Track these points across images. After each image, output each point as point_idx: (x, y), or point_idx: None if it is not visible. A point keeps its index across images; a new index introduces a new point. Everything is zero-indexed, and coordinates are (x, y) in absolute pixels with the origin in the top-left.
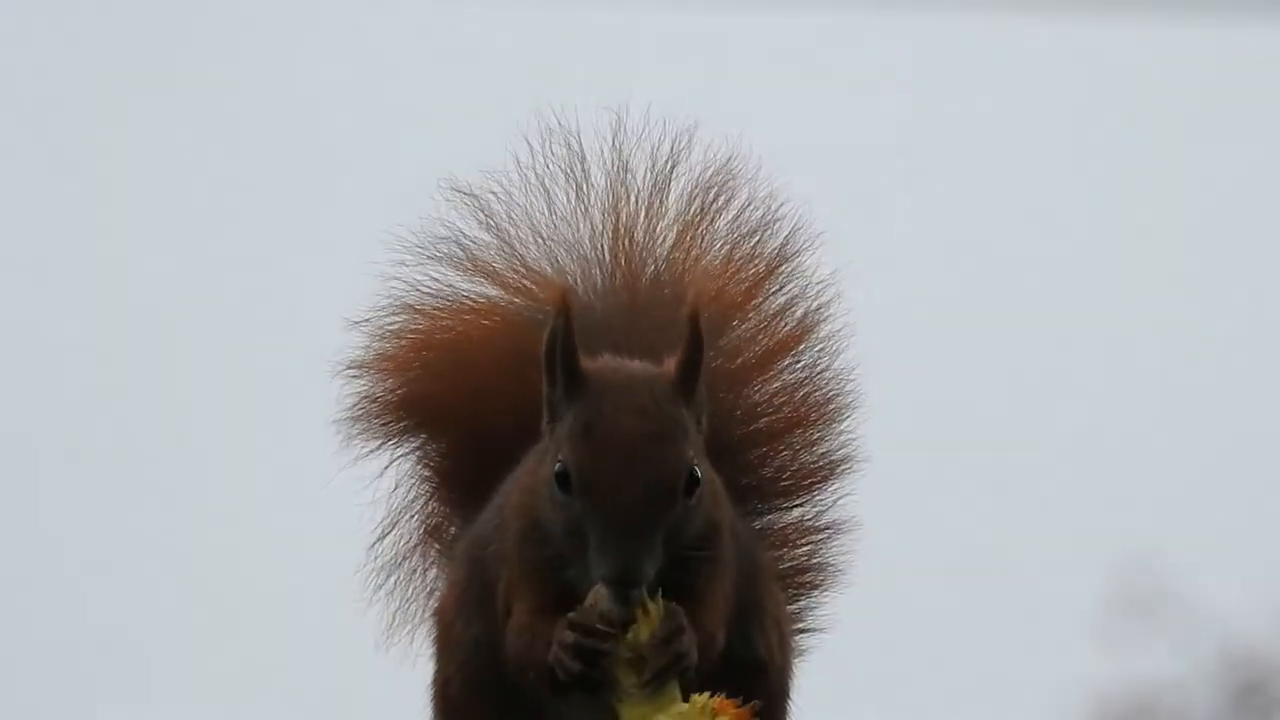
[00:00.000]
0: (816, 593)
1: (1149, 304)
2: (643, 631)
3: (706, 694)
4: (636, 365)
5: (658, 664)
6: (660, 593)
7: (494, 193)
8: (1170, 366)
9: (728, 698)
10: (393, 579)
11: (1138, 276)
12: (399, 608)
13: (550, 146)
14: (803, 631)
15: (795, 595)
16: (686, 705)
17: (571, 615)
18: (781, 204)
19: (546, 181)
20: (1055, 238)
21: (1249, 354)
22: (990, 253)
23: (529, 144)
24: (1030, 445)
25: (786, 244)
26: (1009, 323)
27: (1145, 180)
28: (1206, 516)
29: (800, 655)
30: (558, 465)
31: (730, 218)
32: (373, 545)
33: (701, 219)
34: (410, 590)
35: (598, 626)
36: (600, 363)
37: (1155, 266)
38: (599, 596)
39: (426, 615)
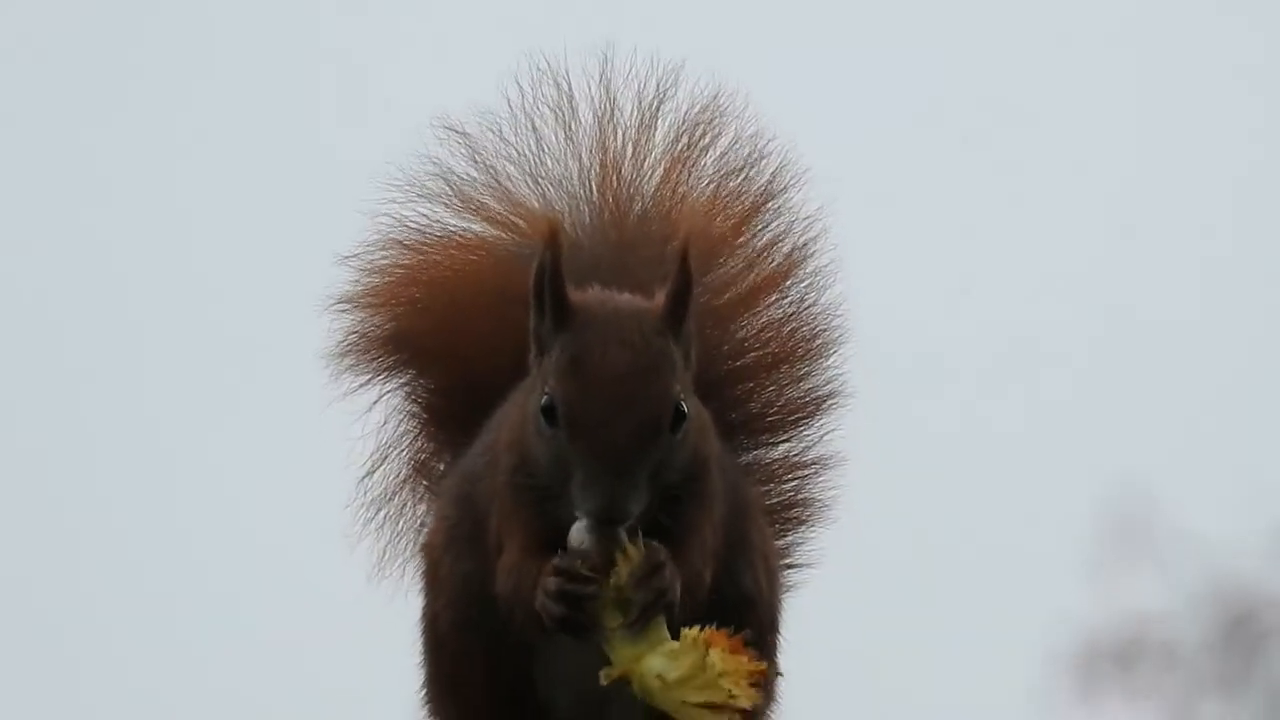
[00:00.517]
0: (803, 528)
1: (1143, 234)
2: (624, 574)
3: (697, 628)
4: (625, 298)
5: (641, 602)
6: (640, 533)
7: (484, 131)
8: (1161, 294)
9: (718, 630)
10: (382, 513)
11: (1136, 206)
12: (389, 542)
13: (540, 87)
14: (790, 567)
15: (782, 530)
16: (677, 642)
17: (555, 561)
18: (768, 141)
19: (536, 120)
20: (1052, 163)
21: (1241, 282)
22: (982, 184)
23: (519, 84)
24: (1018, 374)
25: (773, 180)
26: (995, 254)
27: (1145, 107)
28: (1196, 446)
29: (788, 590)
30: (544, 398)
31: (717, 154)
32: (362, 479)
33: (688, 155)
34: (400, 524)
35: (580, 571)
36: (588, 295)
37: (1154, 194)
38: (582, 535)
39: (415, 550)
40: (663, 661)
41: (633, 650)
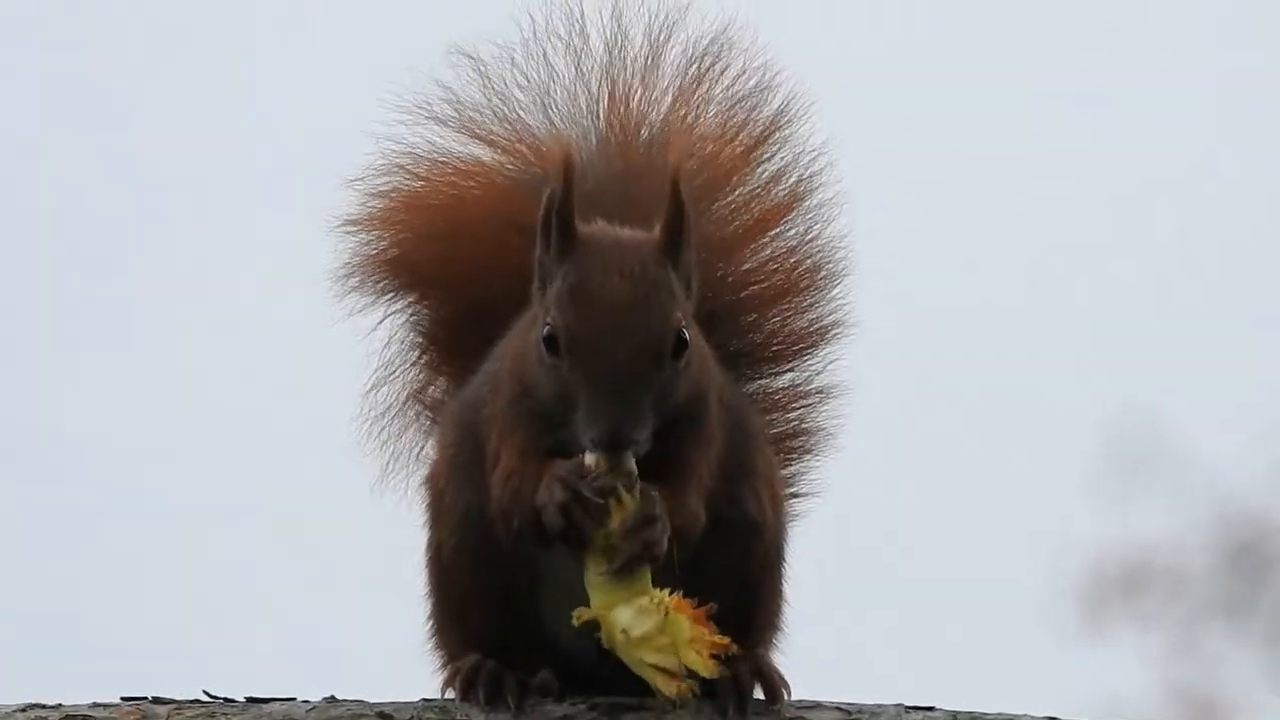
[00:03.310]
0: (808, 457)
1: (1147, 157)
2: (615, 520)
3: (666, 591)
4: (626, 231)
5: (627, 553)
6: (638, 480)
7: (494, 58)
8: (1168, 221)
9: (685, 598)
10: (384, 430)
11: (1137, 130)
12: (391, 456)
13: (551, 16)
14: (795, 496)
15: (787, 460)
16: (648, 598)
17: (563, 471)
18: (776, 73)
19: (546, 49)
20: (1057, 95)
21: (1248, 209)
22: (988, 111)
23: (530, 14)
24: (1024, 302)
25: (780, 111)
26: (1002, 181)
27: (1148, 24)
28: (1203, 372)
29: (793, 518)
30: (545, 329)
31: (725, 85)
32: (366, 394)
33: (696, 86)
34: (401, 443)
35: (587, 495)
36: (593, 227)
37: (1157, 120)
38: (595, 461)
39: (415, 467)
40: (630, 616)
41: (610, 597)
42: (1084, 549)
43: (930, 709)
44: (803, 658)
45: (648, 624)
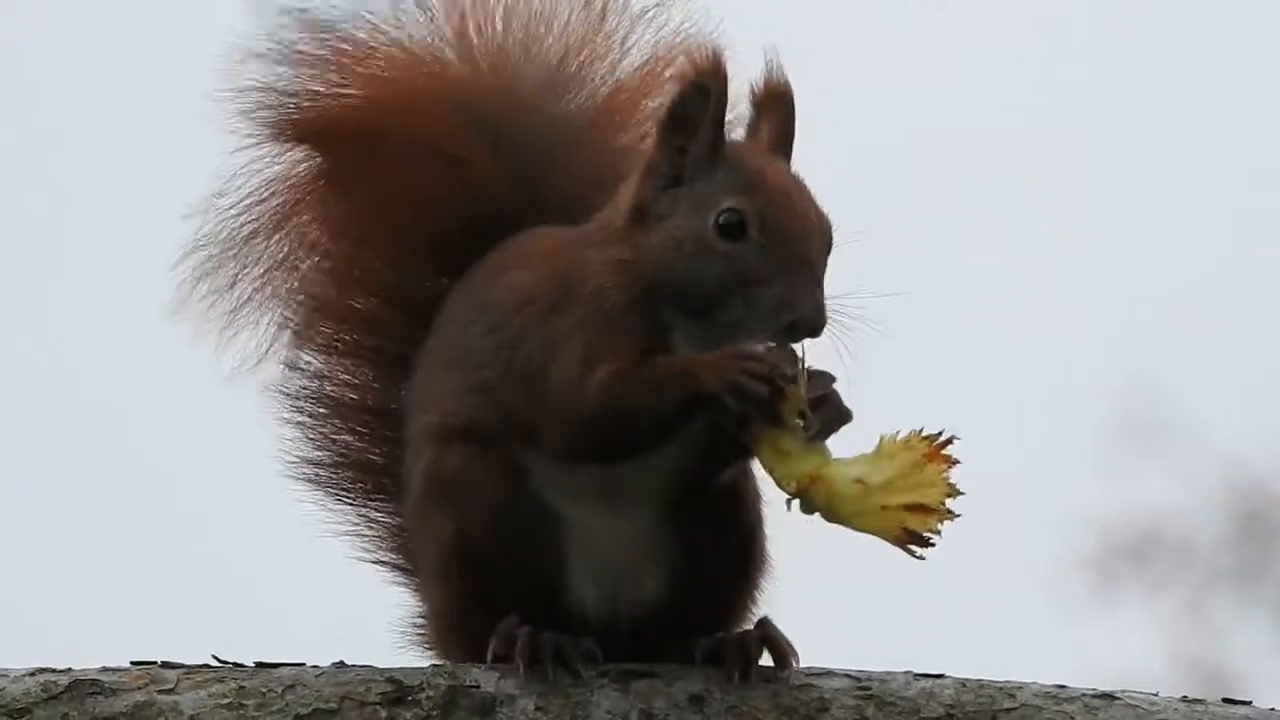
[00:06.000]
0: None
1: (1154, 120)
2: (799, 393)
3: (896, 431)
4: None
5: (824, 417)
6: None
7: None
8: (1179, 189)
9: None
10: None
11: (1144, 88)
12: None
13: None
14: None
15: None
16: (871, 451)
17: (750, 349)
18: None
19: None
20: (1060, 41)
21: (1255, 178)
22: (992, 65)
23: None
24: (1031, 272)
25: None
26: (1008, 142)
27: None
28: (1210, 343)
29: None
30: (723, 215)
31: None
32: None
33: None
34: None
35: (782, 365)
36: None
37: (1165, 79)
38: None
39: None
40: (863, 467)
41: (809, 463)
42: (1092, 519)
43: (939, 676)
44: (811, 625)
45: (894, 466)
